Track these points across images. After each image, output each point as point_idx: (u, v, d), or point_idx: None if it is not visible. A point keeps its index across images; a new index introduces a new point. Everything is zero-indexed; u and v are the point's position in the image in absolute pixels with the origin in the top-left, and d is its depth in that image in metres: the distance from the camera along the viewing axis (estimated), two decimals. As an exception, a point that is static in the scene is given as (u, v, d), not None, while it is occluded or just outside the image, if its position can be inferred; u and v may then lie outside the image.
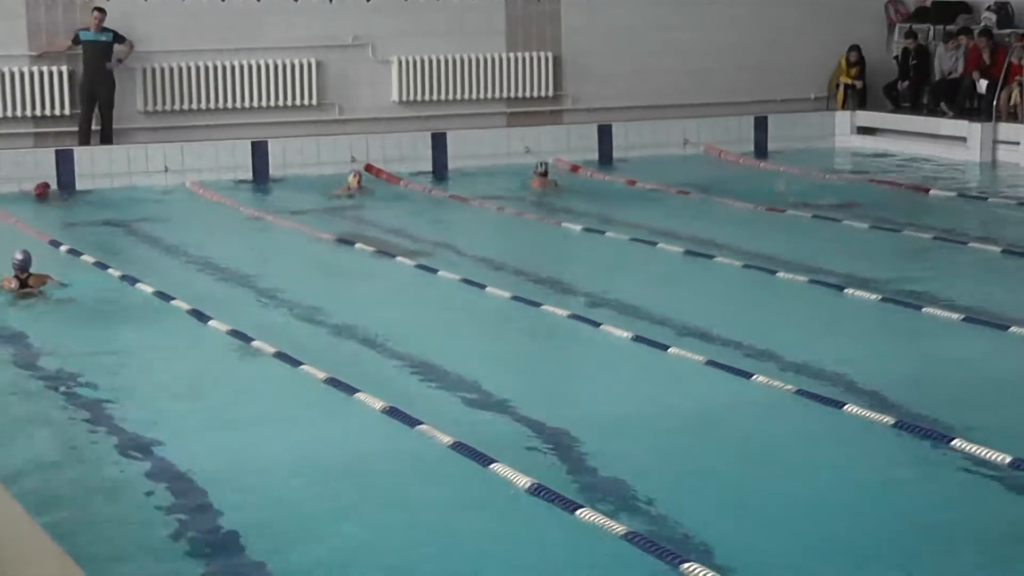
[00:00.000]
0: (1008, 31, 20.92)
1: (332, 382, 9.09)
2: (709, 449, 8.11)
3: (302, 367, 9.47)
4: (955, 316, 10.76)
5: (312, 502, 7.29)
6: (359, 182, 17.19)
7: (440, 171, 19.18)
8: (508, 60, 20.20)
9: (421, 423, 8.20)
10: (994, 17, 21.27)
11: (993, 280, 12.46)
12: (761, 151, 20.99)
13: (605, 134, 20.30)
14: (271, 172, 18.49)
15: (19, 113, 17.94)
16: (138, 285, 12.12)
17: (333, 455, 8.01)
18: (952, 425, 8.13)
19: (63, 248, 13.85)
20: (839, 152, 21.14)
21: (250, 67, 18.86)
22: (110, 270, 12.77)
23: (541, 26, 20.45)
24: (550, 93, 20.44)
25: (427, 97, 19.76)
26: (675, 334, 10.36)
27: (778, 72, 21.57)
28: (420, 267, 12.93)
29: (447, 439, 7.92)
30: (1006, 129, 19.75)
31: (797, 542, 6.74)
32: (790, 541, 6.75)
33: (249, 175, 18.40)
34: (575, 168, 19.34)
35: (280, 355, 9.80)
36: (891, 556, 6.58)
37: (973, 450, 7.67)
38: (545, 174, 17.72)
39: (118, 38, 18.05)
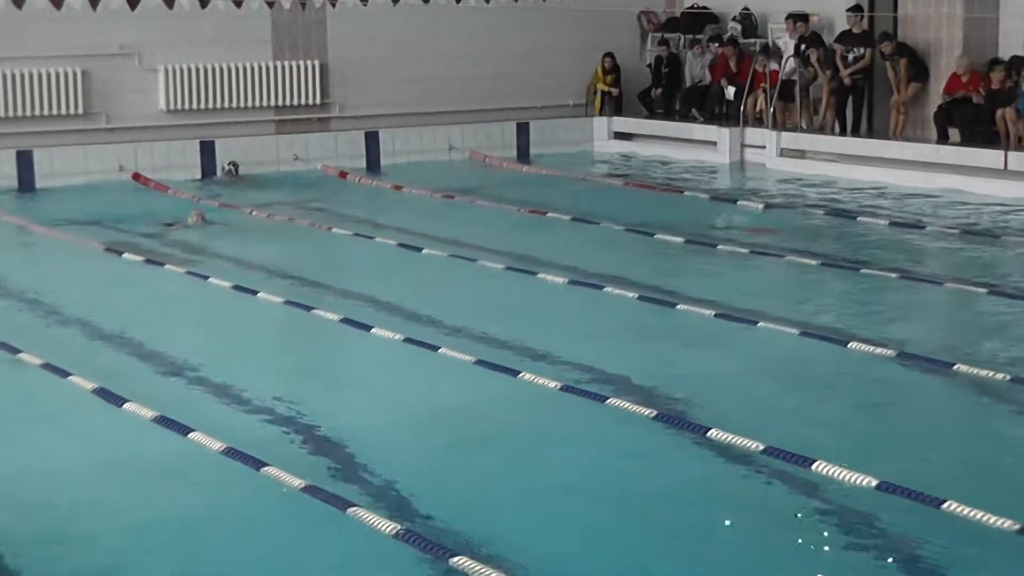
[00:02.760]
0: (752, 40, 21.54)
1: (101, 392, 8.84)
2: (477, 444, 8.12)
3: (71, 377, 9.19)
4: (708, 312, 10.99)
5: (77, 509, 7.11)
6: (202, 219, 15.36)
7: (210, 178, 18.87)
8: (275, 68, 19.94)
9: (193, 430, 8.03)
10: (739, 27, 21.86)
11: (743, 278, 12.77)
12: (524, 156, 21.22)
13: (372, 140, 20.24)
14: (37, 182, 17.90)
15: None
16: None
17: (103, 463, 7.79)
18: (708, 415, 8.31)
19: None
20: (597, 156, 21.47)
21: (13, 76, 18.19)
22: None
23: (307, 34, 20.25)
24: (317, 101, 20.25)
25: (195, 105, 19.37)
26: (445, 335, 10.37)
27: (538, 79, 21.81)
28: (190, 274, 12.65)
29: (218, 445, 7.77)
30: (752, 133, 20.37)
31: (564, 527, 6.81)
32: (556, 526, 6.81)
33: (15, 185, 17.79)
34: (343, 174, 19.21)
35: (48, 366, 9.48)
36: (652, 537, 6.71)
37: (727, 439, 7.85)
38: (233, 172, 18.87)
39: None
